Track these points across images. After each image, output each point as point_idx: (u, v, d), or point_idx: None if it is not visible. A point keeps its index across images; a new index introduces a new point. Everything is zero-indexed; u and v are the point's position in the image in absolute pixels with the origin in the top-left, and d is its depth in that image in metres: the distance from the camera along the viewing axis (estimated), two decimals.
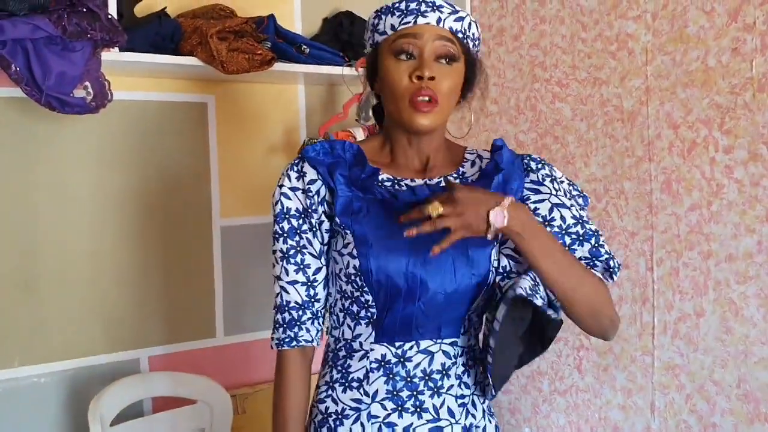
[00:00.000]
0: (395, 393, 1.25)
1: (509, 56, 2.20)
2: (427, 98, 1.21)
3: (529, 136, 2.16)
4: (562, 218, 1.27)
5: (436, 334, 1.26)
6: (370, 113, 1.49)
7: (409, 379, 1.25)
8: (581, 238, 1.27)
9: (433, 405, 1.26)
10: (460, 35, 1.25)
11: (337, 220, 1.26)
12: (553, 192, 1.29)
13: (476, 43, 1.30)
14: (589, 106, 1.99)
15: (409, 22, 1.24)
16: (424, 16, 1.24)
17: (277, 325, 1.29)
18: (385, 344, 1.26)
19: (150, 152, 2.09)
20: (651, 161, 1.84)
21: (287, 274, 1.28)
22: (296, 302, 1.28)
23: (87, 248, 2.00)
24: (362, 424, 1.26)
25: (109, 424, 1.86)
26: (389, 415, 1.25)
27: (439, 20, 1.24)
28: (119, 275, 2.05)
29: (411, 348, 1.25)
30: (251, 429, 2.18)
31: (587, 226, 1.28)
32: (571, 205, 1.29)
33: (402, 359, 1.25)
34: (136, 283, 2.08)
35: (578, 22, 2.00)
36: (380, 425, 1.25)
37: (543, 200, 1.28)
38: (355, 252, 1.23)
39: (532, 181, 1.30)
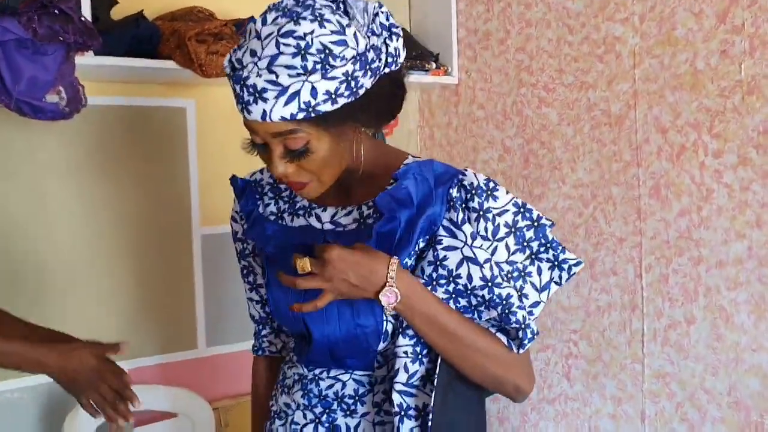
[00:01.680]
0: (310, 407, 1.23)
1: (495, 60, 2.17)
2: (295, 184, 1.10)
3: (516, 142, 2.13)
4: (469, 277, 1.08)
5: (342, 367, 1.19)
6: None
7: (321, 396, 1.21)
8: (487, 303, 1.08)
9: (347, 424, 1.20)
10: (300, 116, 1.01)
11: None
12: (469, 240, 1.08)
13: (339, 93, 1.01)
14: (576, 110, 1.96)
15: (241, 111, 1.05)
16: (248, 111, 1.02)
17: (253, 333, 1.39)
18: (302, 364, 1.23)
19: (127, 159, 2.03)
20: (639, 166, 1.82)
21: (246, 291, 1.36)
22: (255, 318, 1.36)
23: (63, 258, 1.94)
24: (286, 428, 1.27)
25: None
26: (306, 425, 1.23)
27: (264, 115, 1.00)
28: (97, 286, 1.99)
29: (322, 372, 1.20)
30: None
31: (496, 291, 1.07)
32: (486, 261, 1.08)
33: (316, 378, 1.21)
34: (114, 293, 2.02)
35: (565, 26, 1.97)
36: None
37: (455, 249, 1.08)
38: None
39: (451, 221, 1.10)
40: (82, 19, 1.67)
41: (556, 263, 1.14)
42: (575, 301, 1.97)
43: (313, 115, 1.01)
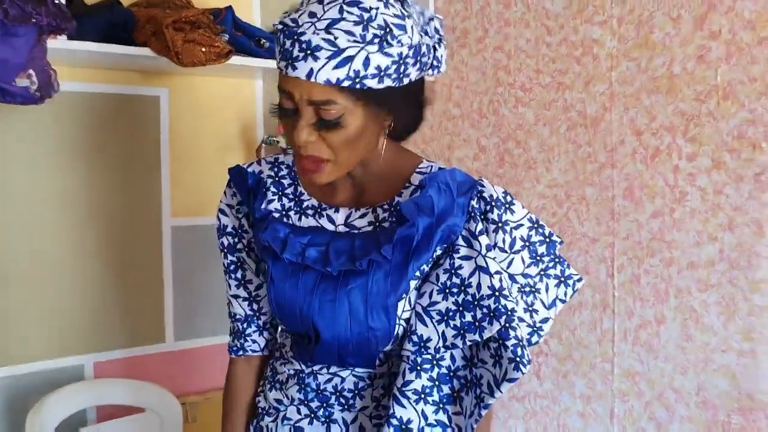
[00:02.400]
0: (306, 402, 1.22)
1: (473, 59, 2.18)
2: (311, 162, 1.07)
3: (492, 141, 2.14)
4: (479, 286, 1.08)
5: (345, 365, 1.18)
6: None
7: (319, 391, 1.21)
8: (492, 314, 1.08)
9: (344, 419, 1.20)
10: (346, 83, 1.00)
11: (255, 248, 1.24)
12: (484, 250, 1.09)
13: (389, 72, 1.02)
14: (553, 111, 1.97)
15: (282, 69, 1.03)
16: (294, 68, 1.00)
17: (230, 333, 1.33)
18: (299, 360, 1.21)
19: (98, 147, 1.99)
20: (614, 167, 1.84)
21: (230, 288, 1.29)
22: (240, 315, 1.29)
23: (28, 247, 1.89)
24: (277, 424, 1.26)
25: None
26: (300, 420, 1.23)
27: (310, 73, 0.99)
28: (62, 276, 1.94)
29: (321, 369, 1.20)
30: None
31: (502, 302, 1.08)
32: (497, 272, 1.09)
33: (314, 373, 1.20)
34: (80, 284, 1.97)
35: (543, 26, 1.98)
36: (291, 427, 1.24)
37: (470, 258, 1.10)
38: (265, 284, 1.23)
39: (469, 231, 1.11)
40: (56, 1, 1.63)
41: (562, 279, 1.17)
42: None
43: (357, 86, 1.01)
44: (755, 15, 1.55)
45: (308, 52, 0.99)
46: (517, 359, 1.06)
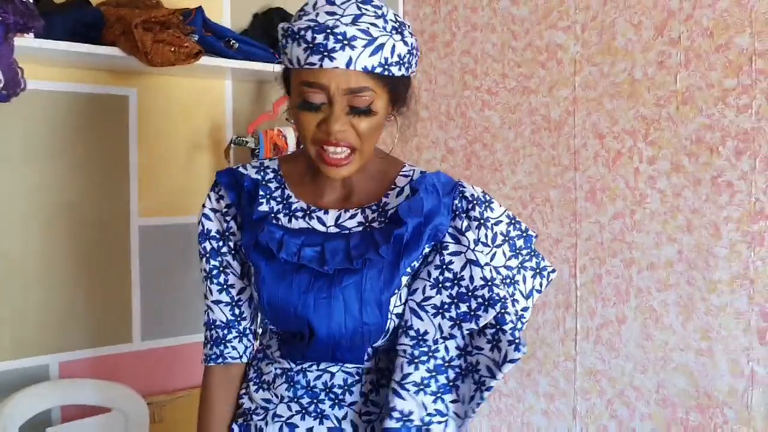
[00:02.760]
0: (296, 399, 1.25)
1: (441, 62, 2.21)
2: (341, 149, 1.11)
3: (459, 143, 2.17)
4: (471, 278, 1.16)
5: (336, 361, 1.22)
6: None
7: (309, 387, 1.24)
8: (487, 303, 1.15)
9: (335, 415, 1.24)
10: (378, 70, 1.08)
11: (243, 250, 1.24)
12: (472, 244, 1.17)
13: (406, 61, 1.13)
14: (518, 114, 2.01)
15: (314, 64, 1.07)
16: (332, 59, 1.06)
17: (206, 341, 1.31)
18: (288, 359, 1.25)
19: (66, 146, 1.98)
20: (576, 170, 1.88)
21: (212, 294, 1.29)
22: (221, 321, 1.29)
23: None
24: (267, 422, 1.27)
25: None
26: (292, 416, 1.25)
27: (349, 62, 1.06)
28: (28, 275, 1.93)
29: (311, 366, 1.24)
30: None
31: (495, 290, 1.15)
32: (485, 264, 1.17)
33: (303, 370, 1.24)
34: (46, 283, 1.96)
35: (509, 31, 2.02)
36: (282, 424, 1.26)
37: (460, 253, 1.17)
38: (255, 285, 1.23)
39: (456, 228, 1.19)
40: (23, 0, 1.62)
41: (538, 270, 1.25)
42: None
43: (385, 73, 1.09)
44: (713, 23, 1.60)
45: (345, 42, 1.05)
46: (516, 341, 1.13)
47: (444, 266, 1.18)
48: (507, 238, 1.21)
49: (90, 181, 2.03)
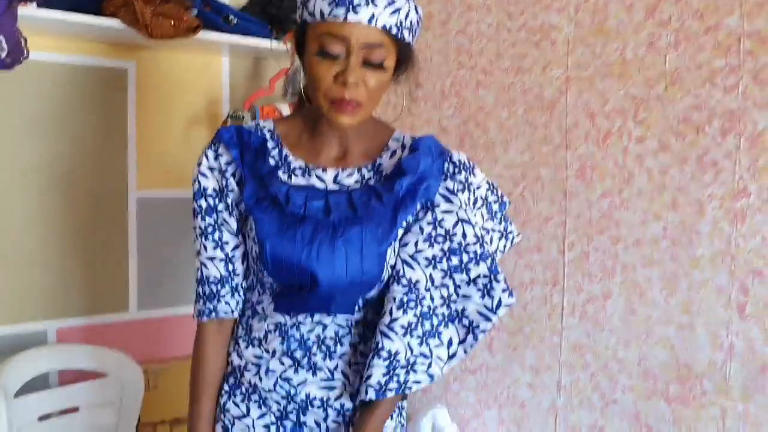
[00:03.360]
0: (290, 352, 1.31)
1: (436, 42, 2.24)
2: (351, 103, 1.20)
3: (453, 122, 2.20)
4: (464, 235, 1.28)
5: (328, 311, 1.30)
6: (299, 86, 1.46)
7: (302, 341, 1.31)
8: (479, 257, 1.29)
9: (327, 367, 1.32)
10: (394, 30, 1.18)
11: (243, 205, 1.30)
12: (463, 205, 1.30)
13: (414, 29, 1.25)
14: (511, 94, 2.05)
15: (338, 16, 1.15)
16: (356, 12, 1.15)
17: (198, 298, 1.36)
18: (282, 313, 1.31)
19: (64, 117, 2.01)
20: (567, 149, 1.92)
21: (206, 251, 1.33)
22: (215, 277, 1.34)
23: None
24: (260, 377, 1.33)
25: (12, 396, 1.79)
26: (285, 370, 1.32)
27: (371, 18, 1.16)
28: (27, 244, 1.97)
29: (305, 318, 1.31)
30: (162, 405, 2.14)
31: (486, 246, 1.30)
32: (476, 223, 1.31)
33: (297, 324, 1.31)
34: (45, 252, 2.00)
35: (504, 12, 2.05)
36: (277, 378, 1.32)
37: (451, 212, 1.29)
38: (256, 238, 1.27)
39: (447, 189, 1.31)
40: None
41: (504, 234, 1.38)
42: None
43: (398, 35, 1.19)
44: (703, 5, 1.64)
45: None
46: (508, 289, 1.30)
47: (436, 223, 1.29)
48: (486, 202, 1.36)
49: (89, 152, 2.06)
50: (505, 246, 1.39)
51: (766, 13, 1.53)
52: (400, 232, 1.29)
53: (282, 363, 1.32)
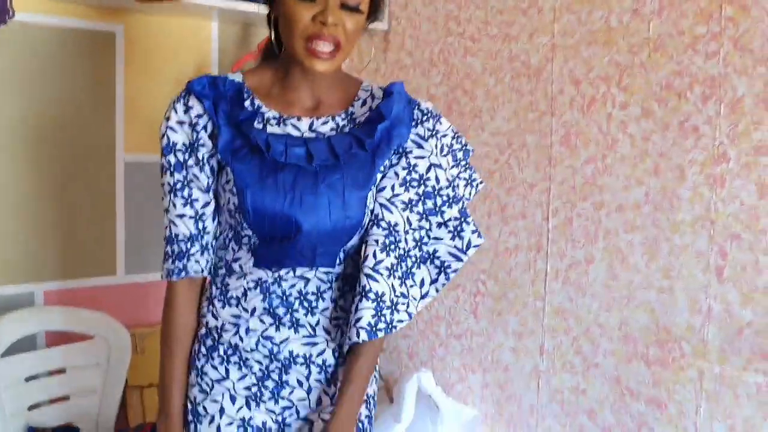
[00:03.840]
0: (272, 309, 1.31)
1: (425, 9, 2.24)
2: (329, 44, 1.21)
3: (441, 89, 2.21)
4: (437, 179, 1.33)
5: (311, 263, 1.30)
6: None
7: (284, 297, 1.31)
8: (451, 200, 1.35)
9: (309, 323, 1.33)
10: None
11: (219, 156, 1.26)
12: (434, 151, 1.34)
13: None
14: (499, 61, 2.06)
15: None
16: None
17: (167, 257, 1.32)
18: (263, 268, 1.30)
19: (51, 79, 2.01)
20: (553, 115, 1.93)
21: (175, 208, 1.30)
22: (185, 235, 1.30)
23: None
24: (241, 337, 1.32)
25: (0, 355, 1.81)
26: (266, 329, 1.31)
27: None
28: (14, 205, 1.98)
29: (287, 273, 1.30)
30: (148, 368, 2.16)
31: (457, 190, 1.37)
32: (446, 167, 1.36)
33: (279, 280, 1.30)
34: (32, 214, 2.01)
35: None
36: (258, 337, 1.32)
37: (423, 157, 1.34)
38: (234, 190, 1.26)
39: (417, 135, 1.34)
40: None
41: (469, 181, 1.40)
42: (485, 243, 2.08)
43: None
44: None
45: None
46: (477, 230, 1.37)
47: (410, 168, 1.33)
48: (451, 150, 1.39)
49: (76, 116, 2.06)
50: (470, 193, 1.41)
51: None
52: (378, 176, 1.32)
53: (262, 321, 1.31)
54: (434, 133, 1.36)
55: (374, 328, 1.27)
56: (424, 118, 1.36)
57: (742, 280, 1.57)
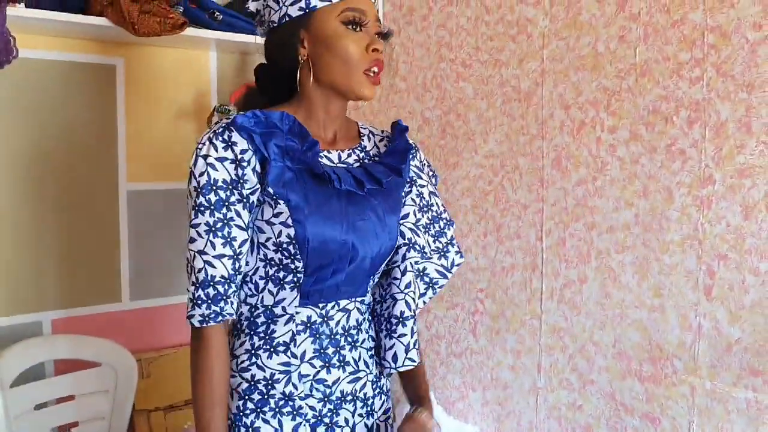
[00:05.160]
0: (322, 351, 1.31)
1: (418, 35, 2.29)
2: (377, 71, 1.31)
3: (434, 113, 2.26)
4: (437, 205, 1.51)
5: (353, 294, 1.36)
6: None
7: (332, 336, 1.33)
8: (448, 222, 1.53)
9: (353, 358, 1.37)
10: (379, 11, 1.42)
11: (270, 190, 1.24)
12: (428, 180, 1.52)
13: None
14: (490, 86, 2.11)
15: None
16: None
17: (200, 301, 1.24)
18: (310, 306, 1.29)
19: (55, 113, 2.06)
20: (544, 139, 1.98)
21: (214, 248, 1.23)
22: (222, 276, 1.24)
23: None
24: (294, 385, 1.29)
25: (9, 386, 1.85)
26: (318, 372, 1.31)
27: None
28: (21, 236, 2.02)
29: (333, 307, 1.33)
30: (155, 393, 2.20)
31: (447, 214, 1.56)
32: (437, 194, 1.56)
33: (326, 318, 1.32)
34: (39, 244, 2.05)
35: (482, 6, 2.11)
36: (311, 383, 1.31)
37: (424, 185, 1.50)
38: (289, 221, 1.23)
39: (416, 166, 1.51)
40: None
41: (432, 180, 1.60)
42: (483, 263, 2.13)
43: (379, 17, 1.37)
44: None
45: None
46: (460, 250, 1.54)
47: (420, 195, 1.49)
48: (431, 177, 1.57)
49: (79, 147, 2.11)
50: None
51: (726, 8, 1.59)
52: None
53: (312, 366, 1.30)
54: (423, 163, 1.54)
55: (417, 348, 1.42)
56: (415, 150, 1.53)
57: (730, 299, 1.62)
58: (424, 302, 1.49)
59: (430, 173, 1.57)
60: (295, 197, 1.24)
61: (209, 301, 1.23)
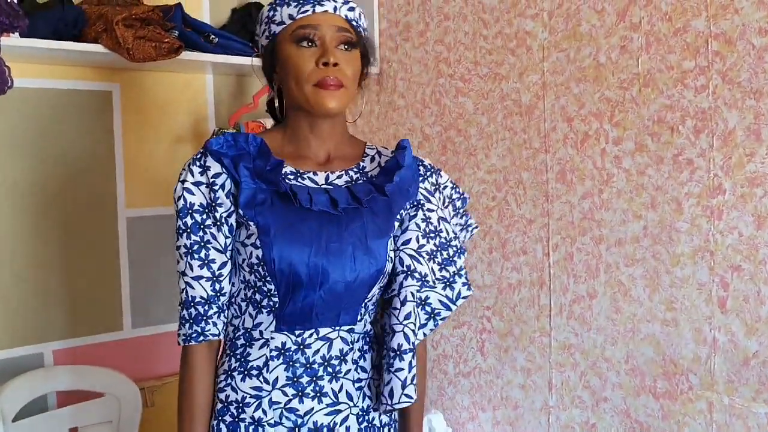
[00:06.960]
0: (295, 379, 1.29)
1: (415, 51, 2.27)
2: (332, 80, 1.28)
3: (434, 129, 2.24)
4: (446, 231, 1.41)
5: (334, 322, 1.30)
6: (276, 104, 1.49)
7: (308, 365, 1.29)
8: (459, 250, 1.42)
9: (332, 389, 1.31)
10: (354, 24, 1.34)
11: (241, 212, 1.26)
12: (440, 205, 1.43)
13: (366, 32, 1.39)
14: (490, 100, 2.08)
15: (307, 11, 1.29)
16: (321, 5, 1.30)
17: (183, 321, 1.30)
18: (285, 332, 1.28)
19: (52, 140, 2.04)
20: (547, 152, 1.95)
21: (192, 270, 1.29)
22: (202, 297, 1.28)
23: None
24: (264, 411, 1.28)
25: (11, 420, 1.81)
26: (290, 400, 1.29)
27: (335, 9, 1.31)
28: (19, 267, 1.99)
29: (311, 335, 1.29)
30: (160, 422, 2.16)
31: (459, 240, 1.45)
32: (450, 220, 1.45)
33: (302, 346, 1.29)
34: (37, 275, 2.02)
35: (480, 20, 2.09)
36: (281, 411, 1.28)
37: (433, 210, 1.41)
38: (258, 242, 1.25)
39: (426, 189, 1.42)
40: (8, 0, 1.68)
41: (465, 226, 1.49)
42: (488, 280, 2.09)
43: (358, 28, 1.35)
44: (671, 7, 1.67)
45: None
46: (468, 282, 1.42)
47: (427, 220, 1.40)
48: (451, 200, 1.47)
49: (77, 174, 2.09)
50: (466, 237, 1.51)
51: (730, 15, 1.56)
52: (396, 224, 1.37)
53: (285, 394, 1.28)
54: (437, 186, 1.45)
55: (415, 385, 1.33)
56: (428, 173, 1.45)
57: (745, 311, 1.58)
58: (425, 334, 1.37)
59: (451, 196, 1.47)
60: (263, 219, 1.25)
61: (191, 321, 1.29)
